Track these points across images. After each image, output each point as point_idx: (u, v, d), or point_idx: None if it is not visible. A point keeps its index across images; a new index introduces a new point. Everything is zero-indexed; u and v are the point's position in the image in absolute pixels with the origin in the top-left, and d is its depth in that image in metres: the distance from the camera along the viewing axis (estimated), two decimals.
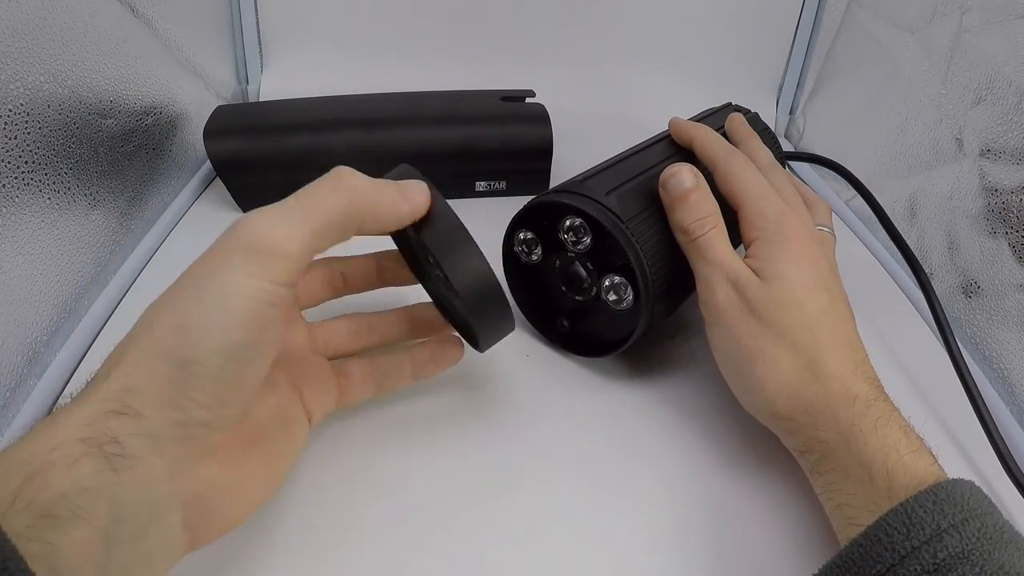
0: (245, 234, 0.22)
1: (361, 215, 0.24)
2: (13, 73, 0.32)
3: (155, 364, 0.20)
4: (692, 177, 0.31)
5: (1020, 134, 0.38)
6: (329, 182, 0.24)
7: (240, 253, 0.21)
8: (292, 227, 0.22)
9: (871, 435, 0.25)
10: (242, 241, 0.22)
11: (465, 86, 0.56)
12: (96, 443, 0.19)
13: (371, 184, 0.25)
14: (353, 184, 0.25)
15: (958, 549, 0.20)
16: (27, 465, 0.18)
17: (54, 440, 0.19)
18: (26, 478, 0.18)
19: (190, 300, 0.21)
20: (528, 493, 0.30)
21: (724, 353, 0.30)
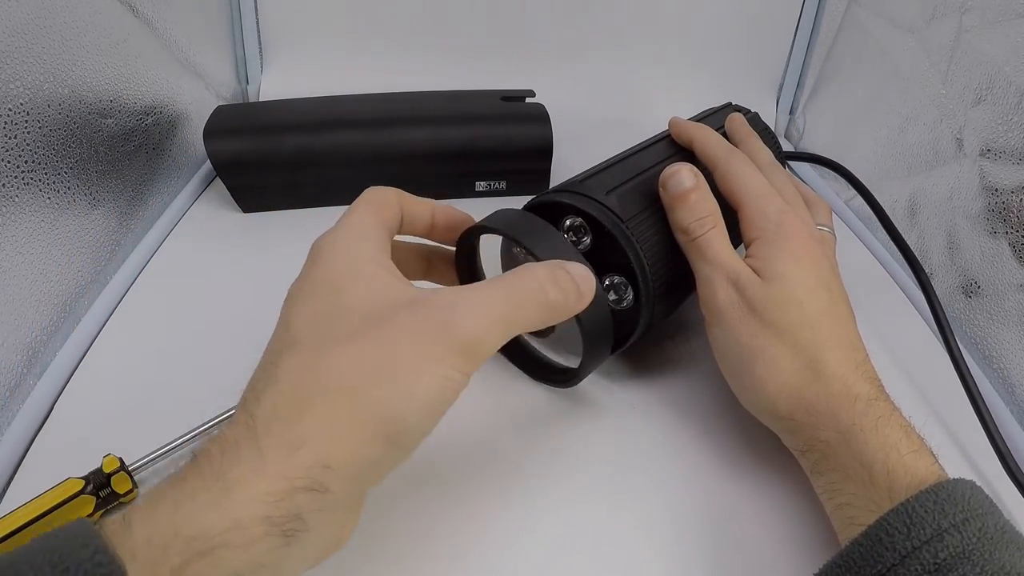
0: (459, 329, 0.22)
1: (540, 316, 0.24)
2: (13, 73, 0.32)
3: (362, 447, 0.20)
4: (692, 177, 0.31)
5: (1020, 134, 0.38)
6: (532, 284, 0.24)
7: (452, 348, 0.21)
8: (494, 332, 0.22)
9: (872, 435, 0.25)
10: (457, 340, 0.21)
11: (465, 86, 0.56)
12: (280, 521, 0.19)
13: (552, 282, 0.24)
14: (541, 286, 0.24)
15: (959, 549, 0.20)
16: (196, 542, 0.18)
17: (232, 517, 0.18)
18: (193, 556, 0.17)
19: (398, 384, 0.21)
20: (527, 493, 0.30)
21: (724, 353, 0.30)
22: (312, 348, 0.21)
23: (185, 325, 0.38)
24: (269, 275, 0.43)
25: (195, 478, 0.19)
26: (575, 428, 0.33)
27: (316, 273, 0.24)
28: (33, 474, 0.29)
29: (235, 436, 0.20)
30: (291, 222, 0.48)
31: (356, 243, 0.25)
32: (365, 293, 0.22)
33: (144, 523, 0.18)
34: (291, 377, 0.21)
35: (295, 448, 0.19)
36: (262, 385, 0.21)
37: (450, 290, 0.23)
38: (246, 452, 0.19)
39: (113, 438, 0.30)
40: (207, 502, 0.18)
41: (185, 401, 0.32)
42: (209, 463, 0.19)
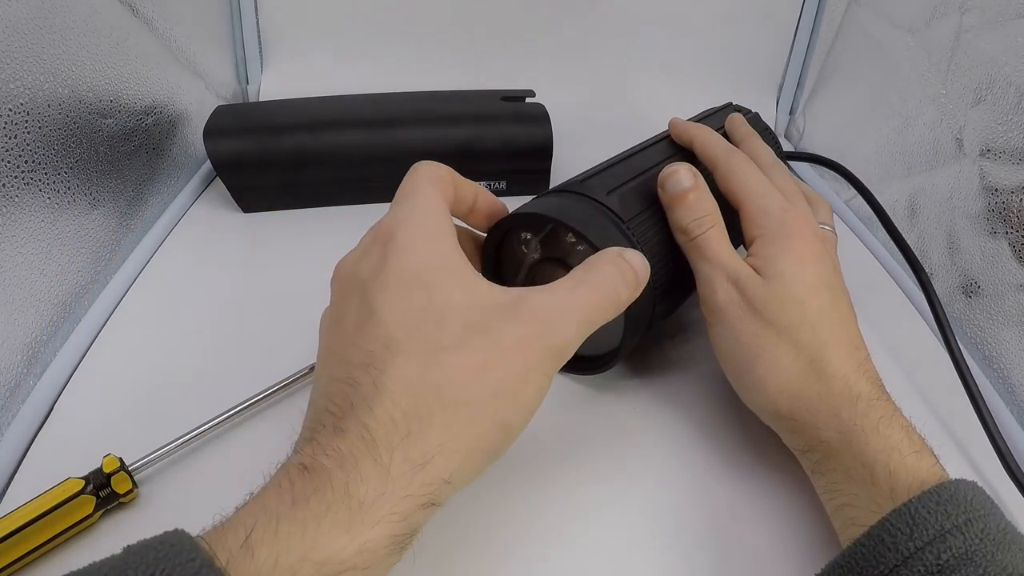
0: (556, 339, 0.22)
1: (612, 314, 0.25)
2: (13, 73, 0.32)
3: (477, 458, 0.21)
4: (690, 176, 0.31)
5: (1020, 134, 0.38)
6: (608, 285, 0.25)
7: (549, 356, 0.22)
8: (582, 336, 0.23)
9: (873, 435, 0.25)
10: (555, 347, 0.22)
11: (465, 86, 0.56)
12: (402, 539, 0.19)
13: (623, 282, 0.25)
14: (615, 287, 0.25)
15: (961, 550, 0.20)
16: (325, 567, 0.17)
17: (362, 540, 0.18)
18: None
19: (510, 395, 0.21)
20: (527, 493, 0.30)
21: (725, 352, 0.30)
22: (420, 355, 0.21)
23: (185, 325, 0.38)
24: (269, 275, 0.43)
25: (318, 499, 0.18)
26: (575, 428, 0.33)
27: (400, 263, 0.23)
28: (33, 474, 0.29)
29: (351, 450, 0.19)
30: (291, 222, 0.48)
31: (436, 230, 0.24)
32: (461, 294, 0.22)
33: (268, 545, 0.17)
34: (404, 387, 0.20)
35: (420, 465, 0.19)
36: (368, 391, 0.20)
37: (540, 295, 0.23)
38: (369, 469, 0.19)
39: (113, 438, 0.29)
40: (335, 525, 0.18)
41: (185, 401, 0.32)
42: (330, 481, 0.18)
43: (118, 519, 0.27)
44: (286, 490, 0.19)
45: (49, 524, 0.25)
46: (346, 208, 0.49)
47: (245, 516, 0.18)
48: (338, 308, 0.24)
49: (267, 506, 0.18)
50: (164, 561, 0.16)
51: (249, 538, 0.17)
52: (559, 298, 0.23)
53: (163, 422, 0.30)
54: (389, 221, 0.25)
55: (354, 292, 0.23)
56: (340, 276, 0.25)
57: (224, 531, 0.17)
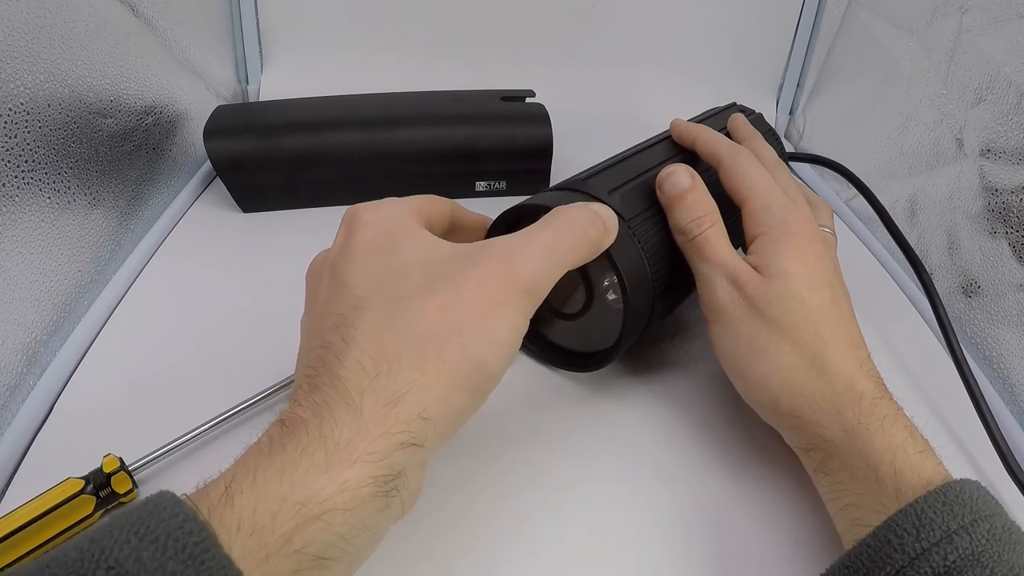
0: (521, 274, 0.23)
1: (583, 254, 0.26)
2: (13, 72, 0.32)
3: (453, 394, 0.21)
4: (688, 177, 0.31)
5: (1020, 134, 0.38)
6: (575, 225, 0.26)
7: (517, 292, 0.23)
8: (550, 272, 0.24)
9: (877, 434, 0.25)
10: (520, 282, 0.23)
11: (465, 86, 0.56)
12: (384, 480, 0.19)
13: (590, 222, 0.26)
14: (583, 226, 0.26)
15: (968, 551, 0.20)
16: (305, 508, 0.18)
17: (341, 480, 0.18)
18: (303, 522, 0.17)
19: (477, 329, 0.22)
20: (526, 493, 0.30)
21: (726, 351, 0.30)
22: (384, 307, 0.22)
23: (185, 325, 0.38)
24: (269, 275, 0.43)
25: (293, 444, 0.19)
26: (574, 428, 0.33)
27: (361, 236, 0.24)
28: (33, 474, 0.29)
29: (325, 399, 0.20)
30: (291, 222, 0.48)
31: (397, 211, 0.26)
32: (421, 251, 0.23)
33: (247, 492, 0.17)
34: (371, 336, 0.21)
35: (393, 403, 0.20)
36: (339, 347, 0.21)
37: (499, 240, 0.24)
38: (343, 413, 0.19)
39: (113, 438, 0.29)
40: (313, 466, 0.18)
41: (185, 401, 0.32)
42: (305, 428, 0.19)
43: None
44: (264, 444, 0.19)
45: (49, 524, 0.25)
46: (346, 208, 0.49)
47: (225, 474, 0.19)
48: (312, 294, 0.26)
49: (246, 460, 0.19)
50: (148, 518, 0.16)
51: (229, 488, 0.18)
52: (519, 239, 0.24)
53: (163, 422, 0.30)
54: (352, 208, 0.27)
55: (325, 273, 0.25)
56: (312, 270, 0.27)
57: (207, 489, 0.18)
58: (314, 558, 0.18)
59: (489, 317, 0.22)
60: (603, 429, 0.33)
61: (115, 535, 0.16)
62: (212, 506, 0.17)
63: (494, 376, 0.23)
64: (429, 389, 0.20)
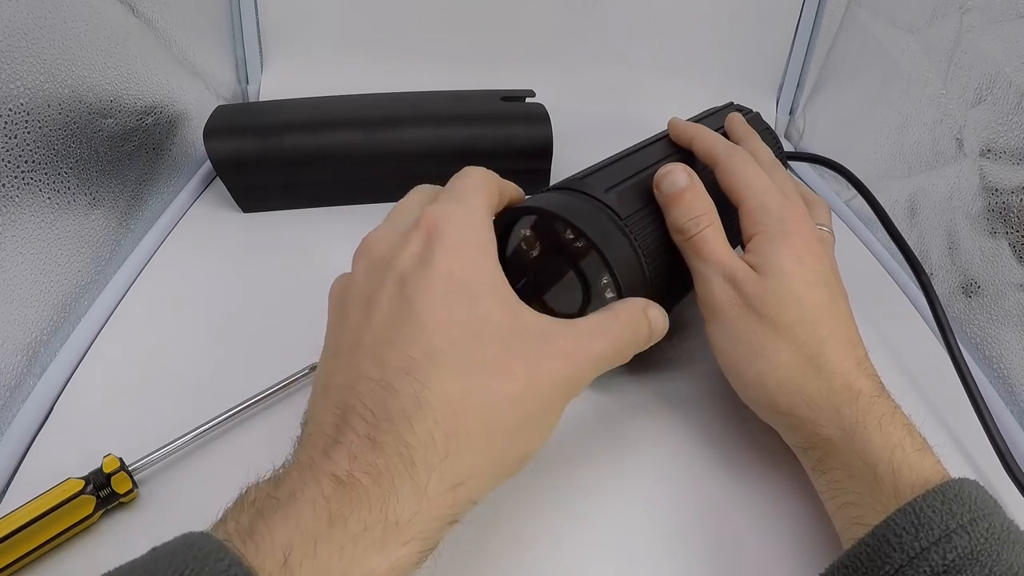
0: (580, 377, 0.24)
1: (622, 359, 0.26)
2: (13, 73, 0.32)
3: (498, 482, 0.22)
4: (685, 176, 0.31)
5: (1020, 134, 0.38)
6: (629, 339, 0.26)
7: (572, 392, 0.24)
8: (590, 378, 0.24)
9: (875, 432, 0.25)
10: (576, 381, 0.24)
11: (465, 86, 0.56)
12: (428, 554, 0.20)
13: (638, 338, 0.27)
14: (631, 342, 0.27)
15: (967, 550, 0.20)
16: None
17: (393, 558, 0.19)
18: None
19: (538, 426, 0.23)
20: (526, 493, 0.30)
21: (723, 349, 0.30)
22: (462, 373, 0.21)
23: (185, 325, 0.38)
24: (269, 275, 0.43)
25: (355, 519, 0.18)
26: (572, 427, 0.33)
27: (444, 264, 0.22)
28: (33, 474, 0.29)
29: (389, 467, 0.19)
30: (291, 222, 0.48)
31: (485, 241, 0.24)
32: (502, 314, 0.23)
33: (306, 566, 0.17)
34: (446, 406, 0.20)
35: (454, 488, 0.20)
36: (409, 405, 0.20)
37: (571, 335, 0.24)
38: (406, 489, 0.19)
39: (113, 438, 0.29)
40: (371, 544, 0.18)
41: (185, 401, 0.32)
42: (367, 499, 0.19)
43: (118, 519, 0.27)
44: (321, 507, 0.18)
45: (49, 524, 0.25)
46: (346, 208, 0.49)
47: (279, 533, 0.18)
48: (367, 291, 0.23)
49: (302, 525, 0.18)
50: (192, 560, 0.16)
51: (288, 560, 0.17)
52: (586, 342, 0.24)
53: (163, 422, 0.30)
54: (439, 214, 0.24)
55: (389, 280, 0.23)
56: (371, 256, 0.24)
57: (258, 548, 0.17)
58: None
59: (547, 414, 0.23)
60: (600, 428, 0.33)
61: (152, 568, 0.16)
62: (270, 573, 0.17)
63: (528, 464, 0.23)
64: (485, 477, 0.21)
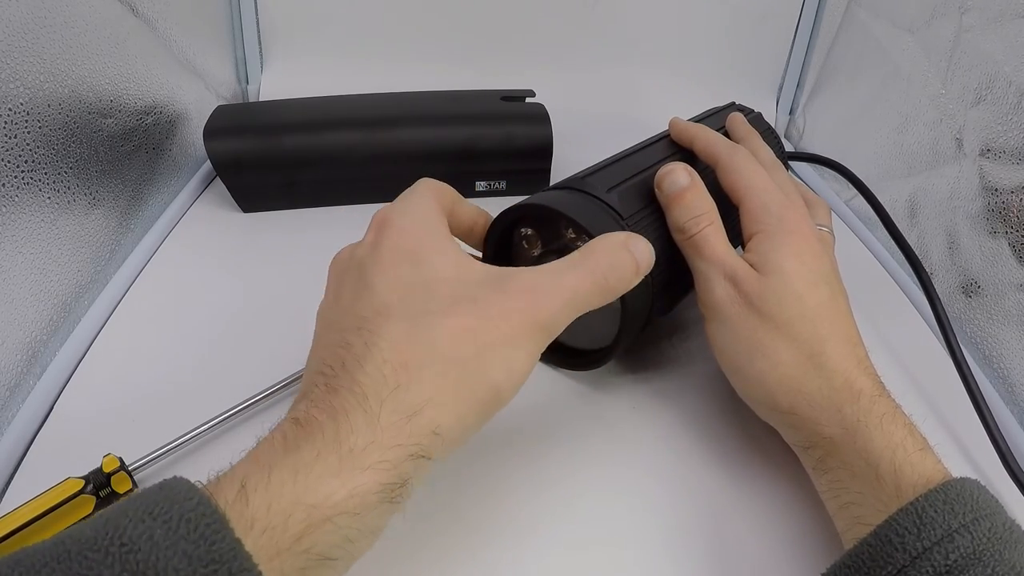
0: (542, 312, 0.23)
1: (601, 300, 0.25)
2: (13, 72, 0.32)
3: (466, 414, 0.22)
4: (686, 176, 0.31)
5: (1020, 134, 0.38)
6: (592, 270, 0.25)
7: (536, 327, 0.23)
8: (569, 315, 0.24)
9: (877, 431, 0.25)
10: (540, 320, 0.23)
11: (465, 86, 0.56)
12: (392, 488, 0.20)
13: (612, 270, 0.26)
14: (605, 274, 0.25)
15: (969, 550, 0.20)
16: (316, 510, 0.18)
17: (352, 485, 0.19)
18: (313, 524, 0.18)
19: (497, 356, 0.22)
20: (526, 493, 0.30)
21: (724, 348, 0.30)
22: (410, 319, 0.22)
23: (185, 325, 0.38)
24: (269, 275, 0.43)
25: (309, 446, 0.19)
26: (572, 425, 0.33)
27: (391, 241, 0.24)
28: (33, 474, 0.29)
29: (343, 403, 0.20)
30: (291, 222, 0.48)
31: (429, 218, 0.26)
32: (449, 267, 0.24)
33: (260, 491, 0.18)
34: (395, 346, 0.21)
35: (409, 416, 0.20)
36: (360, 351, 0.21)
37: (528, 273, 0.24)
38: (359, 419, 0.20)
39: (113, 438, 0.29)
40: (327, 470, 0.19)
41: (185, 401, 0.32)
42: (321, 431, 0.20)
43: None
44: (278, 441, 0.20)
45: (49, 524, 0.25)
46: (346, 208, 0.49)
47: (238, 469, 0.19)
48: (335, 289, 0.26)
49: (259, 458, 0.19)
50: (163, 500, 0.17)
51: (244, 487, 0.18)
52: (547, 277, 0.24)
53: (163, 422, 0.30)
54: (385, 211, 0.26)
55: (351, 271, 0.25)
56: (337, 263, 0.27)
57: (219, 484, 0.18)
58: (320, 557, 0.18)
59: (508, 346, 0.22)
60: (601, 427, 0.33)
61: (129, 515, 0.16)
62: (228, 502, 0.17)
63: (504, 402, 0.23)
64: (445, 407, 0.21)
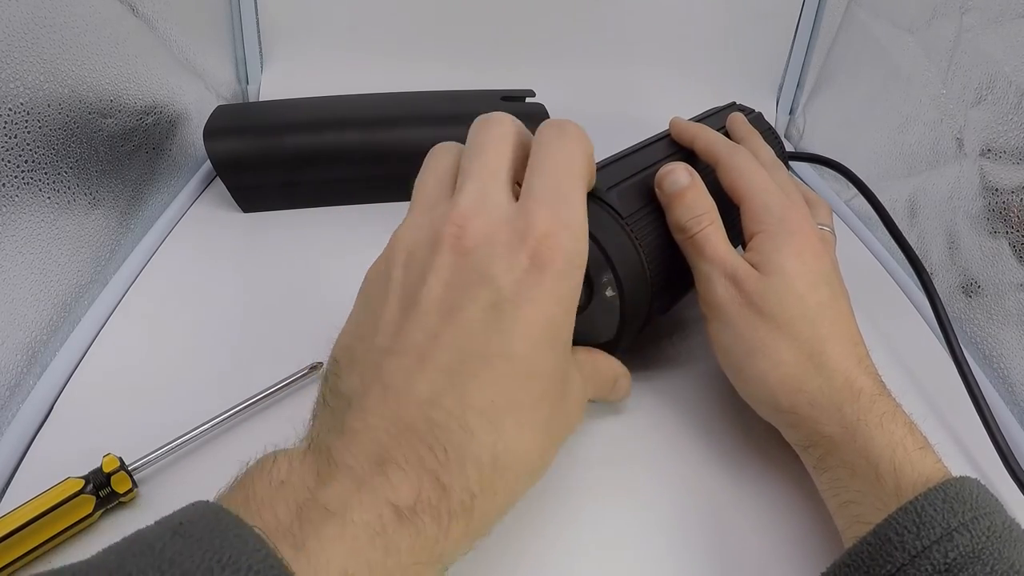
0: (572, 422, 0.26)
1: None
2: (13, 72, 0.32)
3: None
4: (687, 175, 0.31)
5: (1020, 134, 0.38)
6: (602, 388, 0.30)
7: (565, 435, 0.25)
8: None
9: (877, 430, 0.25)
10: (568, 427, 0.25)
11: (465, 86, 0.56)
12: None
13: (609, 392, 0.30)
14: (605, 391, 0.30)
15: (969, 548, 0.20)
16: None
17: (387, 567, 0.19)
18: None
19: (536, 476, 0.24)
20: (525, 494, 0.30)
21: (724, 348, 0.30)
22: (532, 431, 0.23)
23: (185, 325, 0.38)
24: (269, 275, 0.43)
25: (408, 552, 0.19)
26: None
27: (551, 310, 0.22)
28: (33, 474, 0.29)
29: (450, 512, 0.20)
30: (291, 222, 0.48)
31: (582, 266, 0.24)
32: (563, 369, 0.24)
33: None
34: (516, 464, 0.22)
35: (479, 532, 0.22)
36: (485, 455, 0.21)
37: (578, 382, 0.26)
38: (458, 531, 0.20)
39: (113, 438, 0.29)
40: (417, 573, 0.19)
41: (185, 401, 0.32)
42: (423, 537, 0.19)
43: (118, 519, 0.27)
44: (379, 535, 0.18)
45: (49, 524, 0.25)
46: (346, 208, 0.49)
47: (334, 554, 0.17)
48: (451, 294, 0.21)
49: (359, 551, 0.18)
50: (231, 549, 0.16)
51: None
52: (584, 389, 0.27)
53: (163, 422, 0.30)
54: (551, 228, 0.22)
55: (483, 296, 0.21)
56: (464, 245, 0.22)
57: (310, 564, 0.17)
58: None
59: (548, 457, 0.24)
60: (601, 426, 0.33)
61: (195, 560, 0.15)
62: None
63: None
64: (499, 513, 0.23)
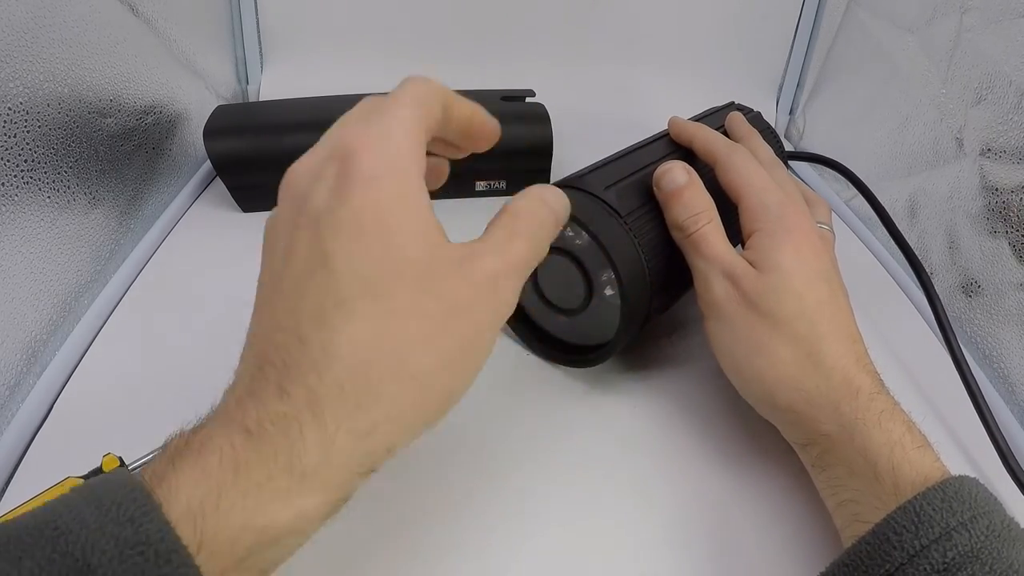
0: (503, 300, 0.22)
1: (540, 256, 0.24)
2: (13, 72, 0.32)
3: (418, 428, 0.21)
4: (685, 174, 0.31)
5: (1020, 133, 0.38)
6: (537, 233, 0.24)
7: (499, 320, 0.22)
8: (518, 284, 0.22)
9: (875, 429, 0.25)
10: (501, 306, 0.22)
11: (465, 86, 0.55)
12: (338, 503, 0.19)
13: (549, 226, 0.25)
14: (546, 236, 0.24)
15: (967, 548, 0.20)
16: (263, 533, 0.18)
17: (299, 508, 0.18)
18: (258, 544, 0.18)
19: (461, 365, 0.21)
20: (526, 493, 0.30)
21: (723, 346, 0.30)
22: (373, 319, 0.19)
23: (185, 325, 0.38)
24: None
25: (260, 468, 0.18)
26: (572, 424, 0.33)
27: (358, 200, 0.20)
28: (33, 474, 0.29)
29: (297, 415, 0.18)
30: None
31: (406, 164, 0.21)
32: (420, 247, 0.20)
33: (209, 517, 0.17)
34: (354, 353, 0.19)
35: (364, 436, 0.19)
36: (318, 356, 0.19)
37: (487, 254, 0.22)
38: (313, 437, 0.18)
39: (113, 438, 0.29)
40: (275, 494, 0.18)
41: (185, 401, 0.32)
42: (273, 452, 0.18)
43: None
44: (228, 456, 0.18)
45: None
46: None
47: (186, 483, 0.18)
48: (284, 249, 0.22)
49: (208, 472, 0.18)
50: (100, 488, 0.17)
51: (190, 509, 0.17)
52: (500, 258, 0.22)
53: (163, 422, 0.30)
54: (354, 136, 0.22)
55: (304, 223, 0.21)
56: (291, 189, 0.23)
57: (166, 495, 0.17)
58: (259, 571, 0.19)
59: (472, 348, 0.21)
60: (601, 425, 0.33)
61: (66, 502, 0.17)
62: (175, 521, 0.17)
63: (456, 403, 0.22)
64: (400, 423, 0.20)
